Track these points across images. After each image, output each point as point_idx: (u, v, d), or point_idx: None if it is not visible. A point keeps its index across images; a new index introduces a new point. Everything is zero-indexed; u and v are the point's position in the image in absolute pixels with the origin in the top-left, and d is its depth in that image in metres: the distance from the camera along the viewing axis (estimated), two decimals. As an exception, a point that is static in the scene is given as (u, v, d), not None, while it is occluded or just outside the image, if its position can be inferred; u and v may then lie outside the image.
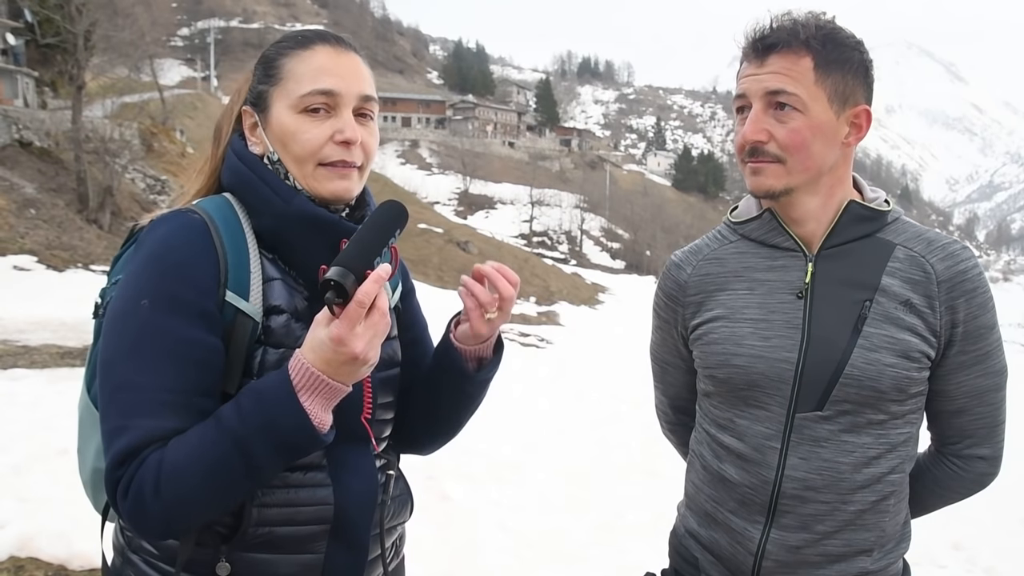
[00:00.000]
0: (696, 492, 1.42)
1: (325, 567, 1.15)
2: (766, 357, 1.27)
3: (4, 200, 17.77)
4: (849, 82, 1.25)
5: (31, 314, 10.39)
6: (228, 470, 1.00)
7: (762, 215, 1.34)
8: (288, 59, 1.16)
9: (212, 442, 1.00)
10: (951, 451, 1.36)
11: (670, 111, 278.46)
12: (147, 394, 1.02)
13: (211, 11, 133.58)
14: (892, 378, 1.23)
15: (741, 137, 1.26)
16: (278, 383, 1.01)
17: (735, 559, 1.32)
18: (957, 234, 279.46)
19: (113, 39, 24.46)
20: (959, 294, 1.25)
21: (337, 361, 0.99)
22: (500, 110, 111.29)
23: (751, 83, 1.25)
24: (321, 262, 1.12)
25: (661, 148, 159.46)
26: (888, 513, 1.29)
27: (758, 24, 1.25)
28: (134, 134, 24.25)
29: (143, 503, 0.99)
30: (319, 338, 0.99)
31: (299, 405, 0.99)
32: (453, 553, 3.62)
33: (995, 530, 4.87)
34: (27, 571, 3.05)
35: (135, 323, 1.04)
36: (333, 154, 1.15)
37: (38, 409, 5.42)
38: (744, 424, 1.31)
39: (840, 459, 1.25)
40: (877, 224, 1.30)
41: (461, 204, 75.29)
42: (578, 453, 6.05)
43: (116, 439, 1.01)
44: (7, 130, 20.89)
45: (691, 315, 1.40)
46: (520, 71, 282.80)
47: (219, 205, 1.14)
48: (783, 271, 1.31)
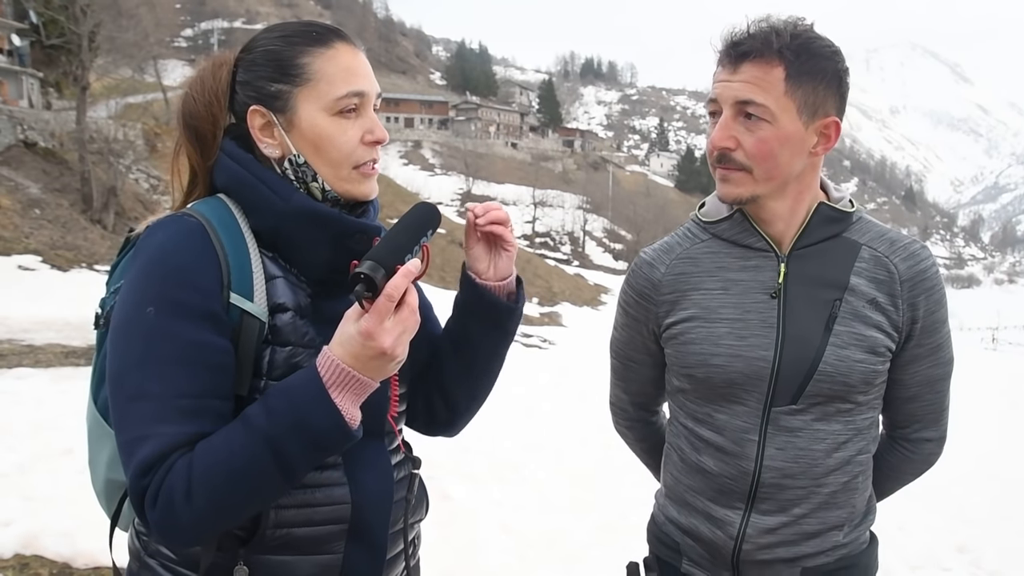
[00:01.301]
0: (675, 483, 1.45)
1: (344, 567, 1.14)
2: (744, 356, 1.31)
3: (9, 200, 17.83)
4: (820, 93, 1.25)
5: (36, 314, 10.43)
6: (259, 471, 0.98)
7: (733, 215, 1.37)
8: (312, 58, 1.12)
9: (242, 444, 0.98)
10: (901, 435, 1.45)
11: (673, 112, 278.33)
12: (163, 401, 1.00)
13: (215, 12, 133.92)
14: (861, 372, 1.29)
15: (710, 143, 1.29)
16: (307, 380, 1.00)
17: (715, 543, 1.37)
18: (962, 236, 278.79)
19: (117, 40, 24.54)
20: (919, 292, 1.32)
21: (366, 356, 0.99)
22: (503, 111, 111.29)
23: (723, 89, 1.27)
24: (324, 257, 1.13)
25: (664, 149, 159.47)
26: (857, 491, 1.37)
27: (734, 29, 1.26)
28: (138, 134, 24.34)
29: (173, 511, 0.97)
30: (348, 333, 0.99)
31: (331, 402, 0.99)
32: (455, 553, 3.62)
33: (1000, 533, 4.86)
34: (32, 569, 3.06)
35: (142, 331, 1.02)
36: (365, 155, 1.15)
37: (43, 408, 5.44)
38: (723, 419, 1.35)
39: (814, 446, 1.31)
40: (844, 224, 1.35)
41: (464, 205, 75.26)
42: (580, 453, 6.05)
43: (137, 449, 0.99)
44: (12, 131, 20.96)
45: (664, 314, 1.41)
46: (523, 72, 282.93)
47: (215, 207, 1.12)
48: (756, 271, 1.34)
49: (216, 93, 1.15)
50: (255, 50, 1.16)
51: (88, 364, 7.46)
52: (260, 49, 1.15)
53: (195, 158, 1.17)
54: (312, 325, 1.13)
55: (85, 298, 11.68)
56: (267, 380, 1.09)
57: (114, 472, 1.21)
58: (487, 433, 5.60)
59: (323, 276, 1.15)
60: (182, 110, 1.18)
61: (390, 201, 39.28)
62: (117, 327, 1.05)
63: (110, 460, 1.21)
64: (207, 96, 1.15)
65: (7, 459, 4.19)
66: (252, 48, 1.16)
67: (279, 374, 1.09)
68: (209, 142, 1.16)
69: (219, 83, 1.15)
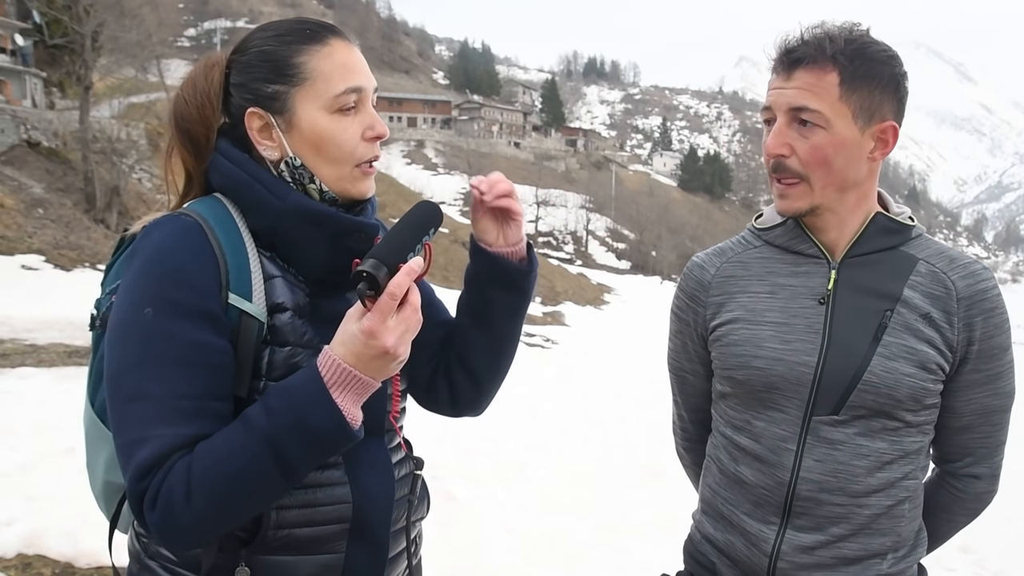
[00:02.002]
0: (712, 496, 1.41)
1: (346, 566, 1.14)
2: (786, 360, 1.28)
3: (12, 200, 17.86)
4: (876, 98, 1.23)
5: (39, 313, 10.44)
6: (260, 472, 0.97)
7: (786, 222, 1.35)
8: (307, 57, 1.10)
9: (242, 444, 0.97)
10: (950, 470, 1.39)
11: (676, 111, 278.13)
12: (162, 403, 0.99)
13: (218, 12, 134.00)
14: (909, 387, 1.24)
15: (765, 150, 1.27)
16: (308, 380, 0.99)
17: (751, 561, 1.32)
18: (965, 235, 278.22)
19: (120, 40, 24.58)
20: (977, 312, 1.26)
21: (368, 355, 0.98)
22: (506, 110, 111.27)
23: (776, 96, 1.25)
24: (321, 256, 1.12)
25: (667, 148, 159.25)
26: (904, 518, 1.30)
27: (788, 36, 1.25)
28: (141, 134, 24.34)
29: (173, 513, 0.96)
30: (350, 332, 0.98)
31: (332, 401, 0.98)
32: (458, 553, 3.62)
33: (1004, 533, 4.85)
34: (34, 568, 3.06)
35: (140, 332, 1.01)
36: (367, 153, 1.13)
37: (45, 408, 5.45)
38: (761, 426, 1.32)
39: (855, 462, 1.26)
40: (901, 238, 1.31)
41: (466, 204, 75.22)
42: (583, 453, 6.04)
43: (136, 451, 0.98)
44: (15, 130, 21.00)
45: (712, 315, 1.40)
46: (526, 71, 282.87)
47: (211, 206, 1.11)
48: (806, 277, 1.32)
49: (208, 95, 1.13)
50: (249, 51, 1.13)
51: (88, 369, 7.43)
52: (254, 50, 1.13)
53: (188, 160, 1.16)
54: (311, 325, 1.12)
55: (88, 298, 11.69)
56: (266, 381, 1.08)
57: (112, 474, 1.20)
58: (490, 433, 5.60)
59: (321, 275, 1.14)
60: (174, 112, 1.16)
61: (393, 201, 39.32)
62: (115, 328, 1.04)
63: (108, 463, 1.20)
64: (199, 98, 1.14)
65: (10, 458, 4.19)
66: (246, 49, 1.14)
67: (278, 375, 1.08)
68: (202, 144, 1.14)
69: (211, 84, 1.14)
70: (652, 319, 3.31)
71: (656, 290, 47.37)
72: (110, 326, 1.05)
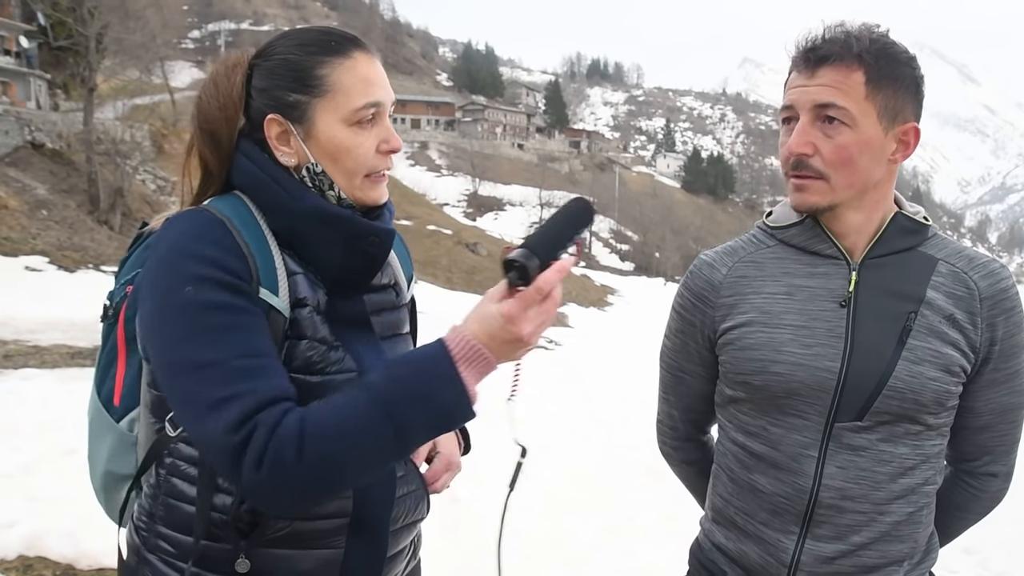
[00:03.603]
0: (724, 505, 1.37)
1: (345, 562, 1.14)
2: (807, 365, 1.24)
3: (16, 201, 17.91)
4: (900, 98, 1.22)
5: (42, 314, 10.46)
6: (376, 437, 0.97)
7: (803, 221, 1.31)
8: (330, 69, 1.12)
9: (361, 407, 0.97)
10: (967, 469, 1.37)
11: (680, 113, 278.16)
12: (227, 364, 0.99)
13: (222, 13, 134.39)
14: (934, 392, 1.22)
15: (787, 149, 1.23)
16: (435, 352, 0.99)
17: (766, 571, 1.29)
18: (969, 236, 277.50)
19: (124, 41, 24.68)
20: (1000, 312, 1.25)
21: (501, 338, 0.99)
22: (509, 112, 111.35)
23: (800, 94, 1.22)
24: (337, 258, 1.14)
25: (670, 150, 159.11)
26: (922, 524, 1.29)
27: (810, 34, 1.23)
28: (145, 136, 24.43)
29: (282, 467, 0.95)
30: (489, 312, 0.99)
31: (458, 375, 0.98)
32: (462, 555, 3.61)
33: (1007, 535, 4.82)
34: (36, 570, 3.06)
35: (184, 309, 1.01)
36: (380, 164, 1.16)
37: (48, 409, 5.45)
38: (778, 432, 1.27)
39: (878, 468, 1.23)
40: (919, 238, 1.29)
41: (470, 206, 75.37)
42: (587, 455, 6.03)
43: (219, 413, 0.97)
44: (20, 132, 21.06)
45: (722, 318, 1.34)
46: (529, 73, 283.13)
47: (233, 204, 1.12)
48: (825, 278, 1.28)
49: (230, 95, 1.15)
50: (273, 57, 1.15)
51: (93, 365, 7.43)
52: (278, 57, 1.15)
53: (212, 160, 1.17)
54: (327, 322, 1.13)
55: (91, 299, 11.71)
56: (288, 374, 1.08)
57: (114, 464, 1.21)
58: (494, 435, 5.59)
59: (337, 276, 1.16)
60: (197, 112, 1.18)
61: (397, 202, 39.08)
62: (153, 314, 1.04)
63: (111, 452, 1.21)
64: (221, 99, 1.15)
65: (12, 460, 4.19)
66: (269, 55, 1.16)
67: (297, 366, 1.09)
68: (224, 144, 1.16)
69: (233, 86, 1.15)
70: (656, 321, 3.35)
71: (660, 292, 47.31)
72: (145, 318, 1.06)
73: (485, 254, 39.10)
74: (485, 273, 38.77)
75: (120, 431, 1.21)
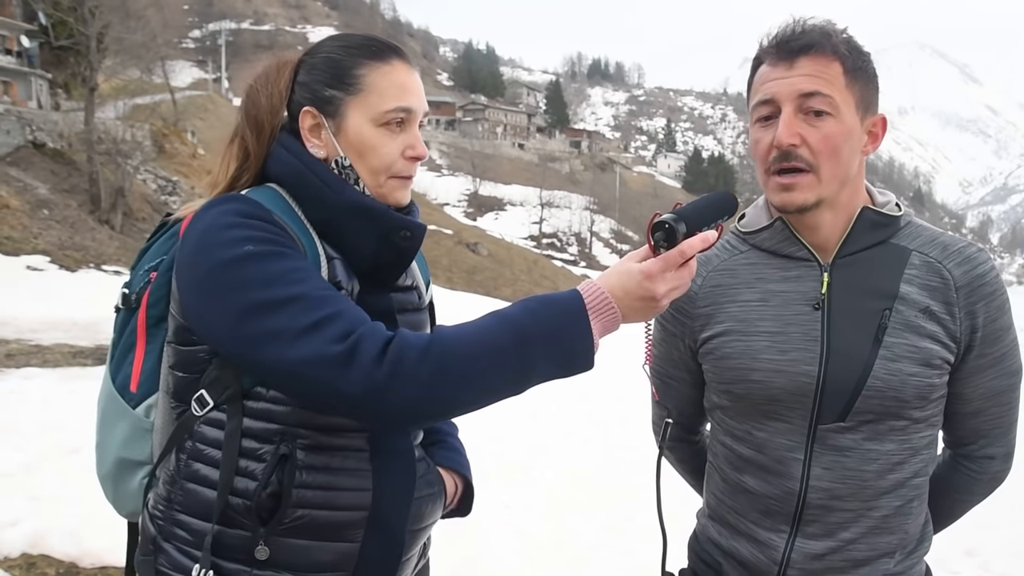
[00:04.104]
0: (717, 504, 1.39)
1: (361, 556, 1.15)
2: (785, 371, 1.24)
3: (18, 201, 17.93)
4: (870, 90, 1.24)
5: (44, 314, 10.47)
6: (501, 360, 1.00)
7: (773, 224, 1.30)
8: (368, 71, 1.18)
9: (493, 328, 1.01)
10: (964, 453, 1.36)
11: (680, 113, 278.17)
12: (312, 293, 1.02)
13: (222, 13, 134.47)
14: (915, 387, 1.21)
15: (775, 140, 1.20)
16: (570, 297, 1.04)
17: (758, 567, 1.30)
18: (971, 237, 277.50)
19: (125, 41, 24.70)
20: (978, 299, 1.23)
21: (635, 294, 1.04)
22: (510, 112, 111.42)
23: (781, 85, 1.20)
24: (371, 251, 1.18)
25: (671, 150, 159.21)
26: (911, 515, 1.28)
27: (786, 26, 1.23)
28: (146, 135, 24.46)
29: (402, 368, 0.97)
30: (628, 268, 1.05)
31: (588, 321, 1.02)
32: (462, 556, 3.61)
33: (1009, 536, 4.82)
34: (39, 568, 3.07)
35: (249, 260, 1.04)
36: (404, 169, 1.21)
37: (50, 408, 5.46)
38: (763, 436, 1.28)
39: (864, 467, 1.23)
40: (891, 230, 1.28)
41: (471, 206, 75.43)
42: (587, 455, 6.04)
43: (318, 331, 0.99)
44: (21, 131, 21.08)
45: (700, 328, 1.35)
46: (530, 73, 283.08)
47: (269, 196, 1.16)
48: (797, 282, 1.27)
49: (278, 87, 1.21)
50: (318, 55, 1.22)
51: (96, 364, 7.48)
52: (322, 55, 1.21)
53: (253, 145, 1.22)
54: None
55: (93, 298, 11.72)
56: None
57: (128, 451, 1.22)
58: (495, 434, 5.59)
59: (368, 270, 1.19)
60: (246, 101, 1.24)
61: (397, 202, 39.23)
62: (211, 275, 1.06)
63: (125, 438, 1.22)
64: (270, 89, 1.21)
65: (14, 459, 4.20)
66: (316, 52, 1.23)
67: None
68: (267, 132, 1.21)
69: (282, 78, 1.22)
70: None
71: (660, 291, 47.13)
72: (200, 281, 1.07)
73: (485, 254, 39.11)
74: (485, 273, 38.77)
75: (136, 417, 1.22)
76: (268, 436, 1.10)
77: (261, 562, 1.10)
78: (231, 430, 1.10)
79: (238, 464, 1.10)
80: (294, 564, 1.11)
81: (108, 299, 1.29)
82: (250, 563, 1.10)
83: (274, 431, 1.10)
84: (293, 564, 1.11)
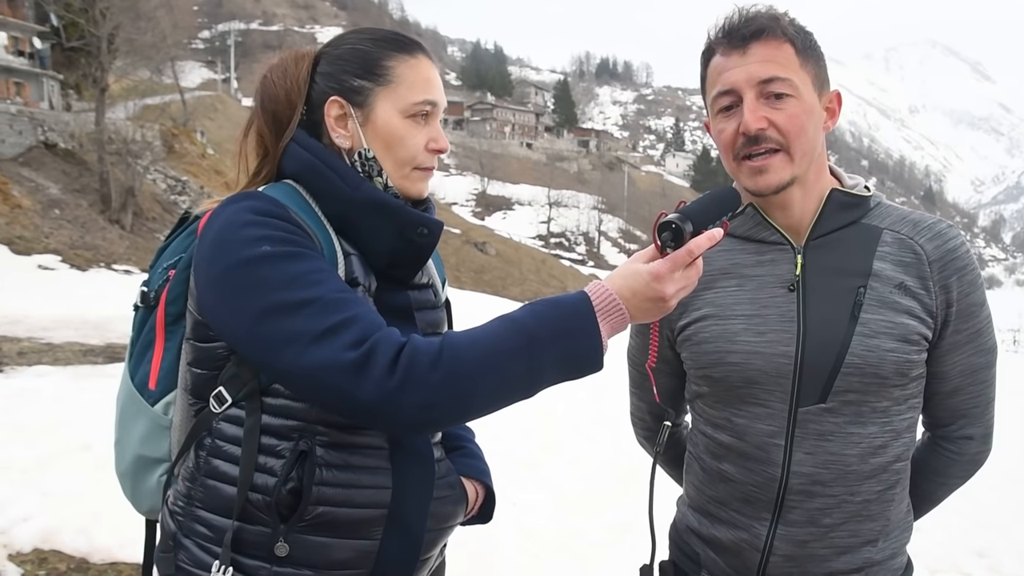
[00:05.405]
0: (697, 493, 1.39)
1: (380, 554, 1.15)
2: (762, 352, 1.25)
3: (29, 201, 18.07)
4: (821, 68, 1.26)
5: (54, 312, 10.54)
6: (511, 364, 1.00)
7: (745, 210, 1.31)
8: (397, 63, 1.19)
9: (502, 333, 1.01)
10: (943, 434, 1.36)
11: (689, 112, 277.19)
12: (327, 297, 1.02)
13: (231, 14, 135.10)
14: (893, 363, 1.21)
15: (743, 127, 1.22)
16: (578, 299, 1.04)
17: (740, 556, 1.30)
18: (982, 236, 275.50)
19: (135, 42, 24.83)
20: (951, 272, 1.25)
21: (643, 295, 1.04)
22: (518, 111, 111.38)
23: (738, 74, 1.22)
24: (387, 246, 1.18)
25: (680, 149, 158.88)
26: (893, 502, 1.29)
27: (732, 15, 1.24)
28: (155, 135, 24.59)
29: (415, 375, 0.98)
30: (636, 269, 1.05)
31: (596, 322, 1.03)
32: (469, 553, 3.62)
33: (1020, 537, 4.80)
34: (50, 563, 3.09)
35: (266, 261, 1.04)
36: (427, 161, 1.22)
37: (61, 405, 5.50)
38: (742, 423, 1.28)
39: (847, 451, 1.23)
40: (861, 211, 1.30)
41: (479, 205, 75.48)
42: (594, 453, 6.03)
43: (333, 337, 0.99)
44: (33, 132, 21.24)
45: (677, 316, 1.35)
46: (538, 72, 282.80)
47: (286, 192, 1.16)
48: (772, 265, 1.29)
49: (297, 80, 1.21)
50: (343, 46, 1.22)
51: (105, 362, 7.54)
52: (348, 46, 1.22)
53: (270, 139, 1.22)
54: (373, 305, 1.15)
55: (103, 297, 11.78)
56: None
57: (146, 448, 1.23)
58: (503, 433, 5.60)
59: (384, 266, 1.19)
60: (261, 94, 1.23)
61: (405, 201, 39.31)
62: (229, 274, 1.06)
63: (144, 435, 1.23)
64: (288, 82, 1.21)
65: (26, 455, 4.23)
66: (339, 44, 1.23)
67: None
68: (284, 125, 1.21)
69: (300, 72, 1.21)
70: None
71: (669, 291, 47.06)
72: (218, 280, 1.07)
73: (493, 253, 39.12)
74: (493, 272, 38.78)
75: (154, 414, 1.23)
76: (287, 432, 1.10)
77: (281, 559, 1.10)
78: (250, 426, 1.10)
79: (257, 460, 1.10)
80: (313, 561, 1.12)
81: (118, 298, 1.30)
82: (270, 560, 1.10)
83: (293, 427, 1.10)
84: (312, 561, 1.12)
